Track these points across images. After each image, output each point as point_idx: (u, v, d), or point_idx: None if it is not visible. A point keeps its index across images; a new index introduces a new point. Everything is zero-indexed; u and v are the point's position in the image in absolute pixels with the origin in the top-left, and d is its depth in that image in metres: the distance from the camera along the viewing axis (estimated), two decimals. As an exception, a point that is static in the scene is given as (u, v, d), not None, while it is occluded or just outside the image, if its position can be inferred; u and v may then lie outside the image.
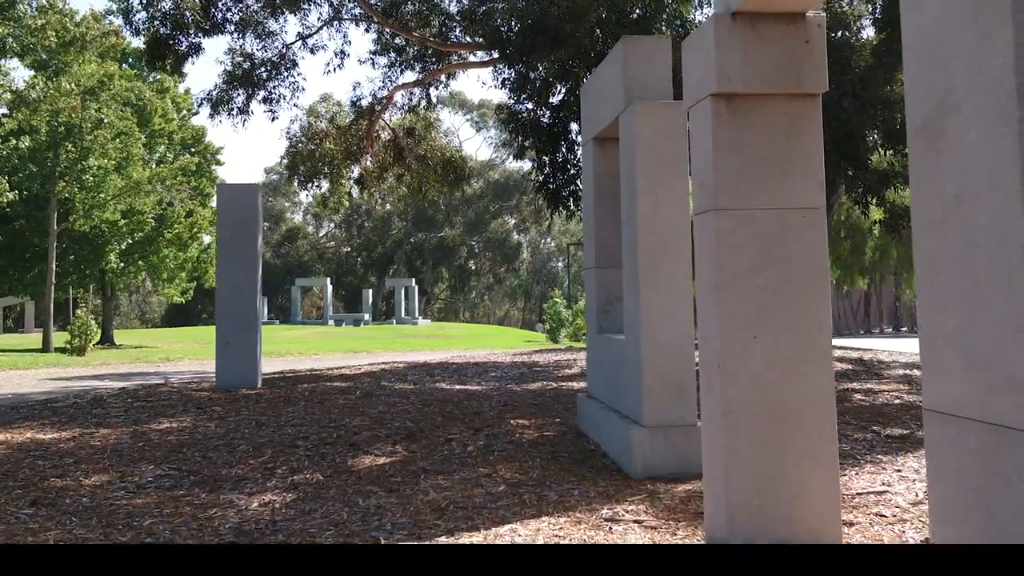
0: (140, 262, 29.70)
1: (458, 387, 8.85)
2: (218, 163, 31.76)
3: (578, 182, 9.35)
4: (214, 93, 11.94)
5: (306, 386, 9.14)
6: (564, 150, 9.36)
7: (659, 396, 4.71)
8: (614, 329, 5.88)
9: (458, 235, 61.21)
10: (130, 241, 27.35)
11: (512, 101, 9.58)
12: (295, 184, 15.12)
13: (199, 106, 11.67)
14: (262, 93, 11.89)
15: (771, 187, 3.35)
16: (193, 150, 30.64)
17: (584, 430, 5.94)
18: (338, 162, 14.14)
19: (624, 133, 5.07)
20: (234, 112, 12.02)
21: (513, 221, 64.76)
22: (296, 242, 64.85)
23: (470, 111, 60.53)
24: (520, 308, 72.93)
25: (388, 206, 61.89)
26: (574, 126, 9.33)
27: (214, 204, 25.76)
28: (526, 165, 54.78)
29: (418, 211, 60.25)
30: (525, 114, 9.33)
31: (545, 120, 9.22)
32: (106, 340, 29.90)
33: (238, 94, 11.91)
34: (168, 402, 7.97)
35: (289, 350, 21.15)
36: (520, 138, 9.45)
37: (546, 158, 9.47)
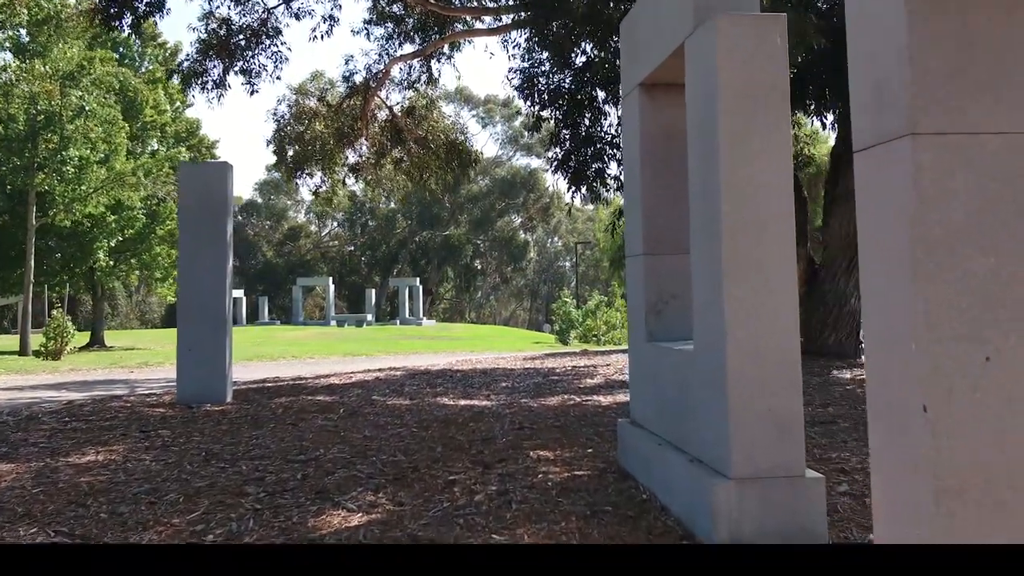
0: (132, 260, 28.40)
1: (463, 402, 7.43)
2: (213, 157, 30.40)
3: (606, 157, 7.90)
4: (186, 64, 10.53)
5: (283, 400, 7.74)
6: (588, 120, 7.90)
7: (752, 433, 3.27)
8: (670, 335, 4.45)
9: (463, 234, 59.85)
10: (120, 238, 26.04)
11: (527, 64, 8.12)
12: (282, 170, 13.72)
13: (168, 78, 10.28)
14: (240, 64, 10.47)
15: (1009, 98, 1.92)
16: (188, 144, 29.33)
17: (629, 469, 4.51)
18: (330, 147, 12.71)
19: (695, 64, 3.64)
20: (209, 86, 10.61)
21: (520, 220, 63.38)
22: (298, 241, 63.53)
23: (476, 106, 59.22)
24: (526, 308, 71.52)
25: (392, 204, 60.56)
26: (600, 93, 7.90)
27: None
28: (534, 162, 53.54)
29: (423, 209, 58.93)
30: (542, 78, 7.88)
31: (566, 84, 7.77)
32: (96, 342, 28.61)
33: (214, 65, 10.49)
34: (111, 422, 6.57)
35: (283, 353, 19.78)
36: (537, 107, 8.00)
37: (567, 132, 8.01)
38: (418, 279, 49.41)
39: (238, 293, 49.17)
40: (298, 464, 4.78)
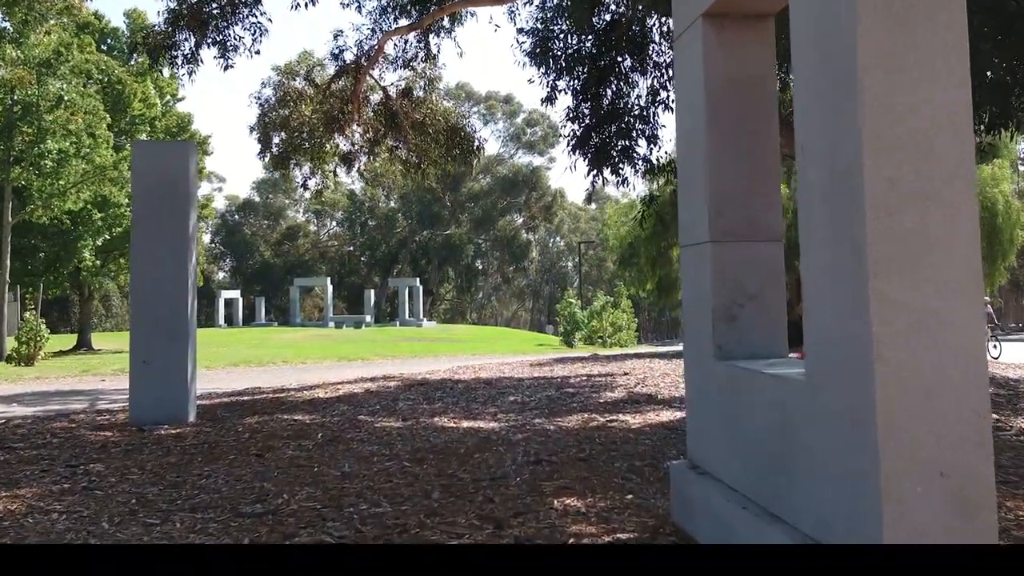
0: (121, 260, 27.27)
1: (465, 424, 6.28)
2: (205, 152, 29.27)
3: (634, 133, 6.74)
4: (153, 37, 9.37)
5: (254, 421, 6.59)
6: (612, 91, 6.73)
7: (918, 509, 2.12)
8: (747, 350, 3.30)
9: (464, 233, 58.72)
10: (107, 236, 24.91)
11: (542, 25, 6.93)
12: (267, 159, 12.58)
13: (131, 51, 9.14)
14: (213, 35, 9.30)
15: None
16: (179, 139, 28.21)
17: (690, 531, 3.35)
18: (319, 133, 11.57)
19: (807, -41, 2.48)
20: (179, 61, 9.46)
21: (522, 219, 62.24)
22: (296, 240, 62.42)
23: (477, 103, 58.12)
24: (528, 309, 70.36)
25: (392, 203, 59.46)
26: (627, 60, 6.73)
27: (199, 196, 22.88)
28: (536, 159, 52.24)
29: (423, 208, 57.85)
30: (558, 41, 6.70)
31: (587, 49, 6.60)
32: (83, 344, 27.50)
33: (185, 38, 9.34)
34: (40, 452, 5.42)
35: (274, 357, 18.68)
36: (552, 76, 6.83)
37: (587, 106, 6.84)
38: (418, 279, 48.27)
39: (234, 293, 48.07)
40: (249, 520, 3.63)
